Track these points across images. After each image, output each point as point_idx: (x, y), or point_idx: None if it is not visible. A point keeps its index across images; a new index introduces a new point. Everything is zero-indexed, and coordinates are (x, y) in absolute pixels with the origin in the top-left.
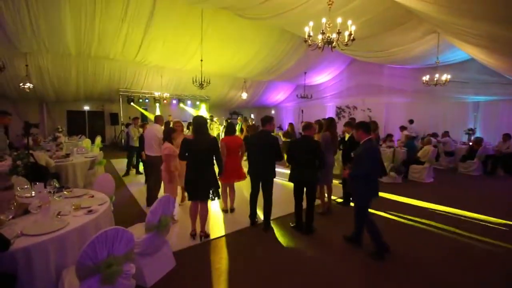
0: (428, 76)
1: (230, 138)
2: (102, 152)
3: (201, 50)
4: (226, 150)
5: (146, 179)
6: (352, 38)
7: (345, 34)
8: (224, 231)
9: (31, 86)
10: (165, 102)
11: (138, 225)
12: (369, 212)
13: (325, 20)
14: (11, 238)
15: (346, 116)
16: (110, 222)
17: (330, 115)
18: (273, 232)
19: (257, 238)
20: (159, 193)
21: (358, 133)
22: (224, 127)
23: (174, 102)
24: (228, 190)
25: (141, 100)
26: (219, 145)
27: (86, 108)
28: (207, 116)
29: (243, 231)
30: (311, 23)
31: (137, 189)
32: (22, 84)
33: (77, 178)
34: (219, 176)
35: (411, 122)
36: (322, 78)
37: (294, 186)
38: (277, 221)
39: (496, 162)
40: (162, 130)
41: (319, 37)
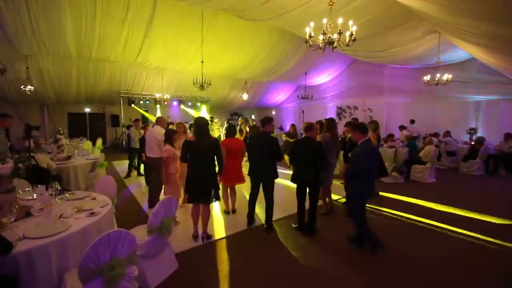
0: (429, 76)
1: (230, 141)
2: (103, 154)
3: (201, 52)
4: (226, 152)
5: (147, 181)
6: (353, 38)
7: (346, 34)
8: (226, 233)
9: (32, 88)
10: (165, 103)
11: (140, 227)
12: (363, 211)
13: (326, 20)
14: (13, 241)
15: (347, 116)
16: (112, 224)
17: (331, 116)
18: (275, 233)
19: (259, 239)
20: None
21: (355, 134)
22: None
23: (174, 103)
24: (229, 191)
25: (141, 101)
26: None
27: (87, 110)
28: (208, 117)
29: (245, 232)
30: (312, 24)
31: (138, 190)
32: (23, 86)
33: (78, 180)
34: (219, 176)
35: (412, 122)
36: (322, 78)
37: (296, 187)
38: (279, 222)
39: (498, 162)
40: (163, 132)
41: (320, 37)
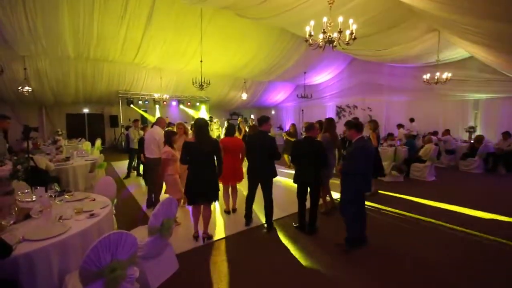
0: (428, 74)
1: (229, 139)
2: (102, 155)
3: (200, 51)
4: (223, 151)
5: (146, 181)
6: (353, 37)
7: (346, 33)
8: (227, 233)
9: (30, 89)
10: (164, 103)
11: (140, 228)
12: (355, 209)
13: (326, 19)
14: (13, 244)
15: (347, 115)
16: (112, 225)
17: (331, 115)
18: (275, 232)
19: (259, 239)
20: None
21: (350, 132)
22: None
23: (173, 103)
24: (230, 191)
25: (140, 102)
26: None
27: (86, 110)
28: (207, 117)
29: (246, 232)
30: (312, 22)
31: (138, 191)
32: (20, 87)
33: (77, 181)
34: (218, 176)
35: (412, 120)
36: (322, 77)
37: (297, 187)
38: (279, 221)
39: (497, 160)
40: (162, 133)
41: (320, 36)
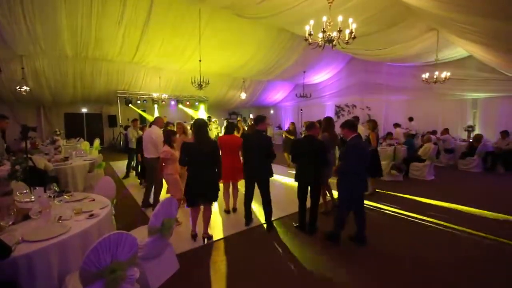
0: (427, 74)
1: (227, 137)
2: (101, 154)
3: (199, 50)
4: (221, 149)
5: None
6: (353, 36)
7: (345, 32)
8: (227, 233)
9: (28, 89)
10: (163, 103)
11: (140, 228)
12: (353, 208)
13: (325, 18)
14: (12, 245)
15: (346, 114)
16: (111, 225)
17: (329, 114)
18: (276, 232)
19: (260, 239)
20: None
21: (344, 131)
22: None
23: (172, 103)
24: (231, 190)
25: (139, 101)
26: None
27: (84, 110)
28: (205, 116)
29: (246, 232)
30: (312, 22)
31: (137, 191)
32: (18, 87)
33: (76, 181)
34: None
35: (411, 119)
36: (321, 77)
37: (298, 186)
38: (280, 221)
39: (496, 159)
40: (159, 132)
41: (320, 35)
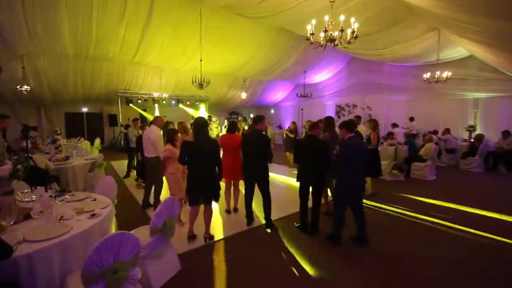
0: (429, 73)
1: (228, 136)
2: (102, 154)
3: (200, 50)
4: (222, 148)
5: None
6: (355, 35)
7: (347, 31)
8: (228, 233)
9: (28, 88)
10: (164, 102)
11: (142, 228)
12: (345, 206)
13: (327, 17)
14: (13, 245)
15: (346, 114)
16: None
17: (330, 114)
18: (277, 232)
19: (261, 239)
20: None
21: (342, 131)
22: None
23: (173, 102)
24: (232, 189)
25: (139, 101)
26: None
27: (85, 109)
28: (206, 116)
29: (247, 232)
30: (314, 21)
31: (138, 191)
32: (19, 86)
33: (77, 181)
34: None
35: (412, 119)
36: (321, 76)
37: (299, 186)
38: (281, 221)
39: (497, 159)
40: (157, 132)
41: (321, 35)
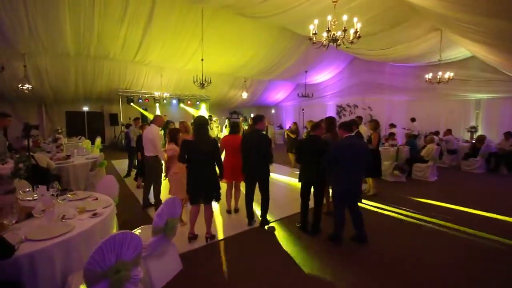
0: (431, 74)
1: (231, 137)
2: (102, 153)
3: (201, 50)
4: (225, 149)
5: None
6: (358, 35)
7: (350, 31)
8: (229, 233)
9: (30, 87)
10: (165, 102)
11: (143, 227)
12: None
13: (330, 17)
14: (15, 244)
15: (347, 114)
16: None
17: (331, 114)
18: (278, 232)
19: (261, 239)
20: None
21: (340, 131)
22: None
23: (174, 102)
24: (233, 190)
25: (140, 100)
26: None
27: (86, 109)
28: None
29: (248, 232)
30: (316, 21)
31: (138, 190)
32: (20, 85)
33: (78, 180)
34: (220, 178)
35: (413, 120)
36: (322, 76)
37: (301, 186)
38: (282, 221)
39: (499, 160)
40: (157, 131)
41: (324, 35)
